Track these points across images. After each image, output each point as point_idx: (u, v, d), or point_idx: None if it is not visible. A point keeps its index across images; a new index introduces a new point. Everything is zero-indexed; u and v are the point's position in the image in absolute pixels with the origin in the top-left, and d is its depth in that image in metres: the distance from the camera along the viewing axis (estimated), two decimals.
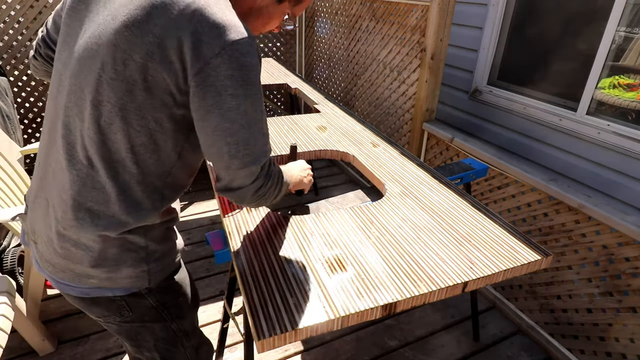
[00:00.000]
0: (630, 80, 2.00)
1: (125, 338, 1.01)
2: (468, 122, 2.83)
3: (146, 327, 0.96)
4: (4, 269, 1.92)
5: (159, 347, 1.02)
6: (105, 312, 0.91)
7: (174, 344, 1.04)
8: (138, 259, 0.86)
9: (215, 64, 0.69)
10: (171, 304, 0.97)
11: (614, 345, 1.65)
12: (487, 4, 2.54)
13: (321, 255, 1.00)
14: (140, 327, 0.96)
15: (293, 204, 2.88)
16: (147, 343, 1.01)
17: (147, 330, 0.97)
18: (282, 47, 3.84)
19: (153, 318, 0.95)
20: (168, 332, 1.00)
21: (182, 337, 1.04)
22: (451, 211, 1.20)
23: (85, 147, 0.77)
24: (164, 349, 1.03)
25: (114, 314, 0.91)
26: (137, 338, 1.00)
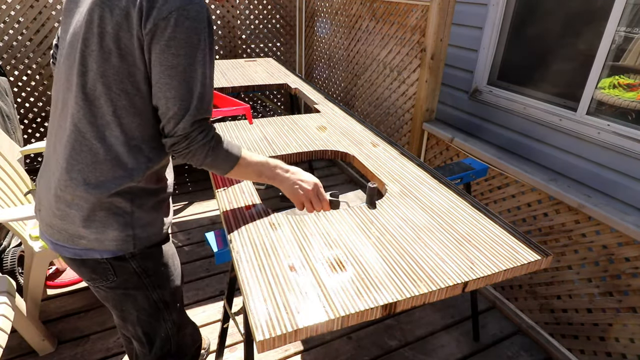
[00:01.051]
0: (630, 80, 2.00)
1: (112, 308, 1.10)
2: (468, 122, 2.83)
3: (129, 295, 1.05)
4: (4, 269, 1.92)
5: (142, 320, 1.10)
6: (92, 274, 1.01)
7: (155, 316, 1.11)
8: (124, 223, 0.95)
9: (162, 26, 0.80)
10: (152, 271, 1.05)
11: (614, 345, 1.65)
12: (487, 4, 2.54)
13: (321, 255, 1.00)
14: (124, 295, 1.05)
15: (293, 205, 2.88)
16: (131, 315, 1.09)
17: (130, 299, 1.06)
18: (282, 47, 3.84)
19: (135, 285, 1.04)
20: (149, 302, 1.08)
21: (163, 309, 1.11)
22: (451, 211, 1.20)
23: (74, 115, 0.88)
24: (146, 321, 1.10)
25: (100, 277, 1.01)
26: (122, 309, 1.08)
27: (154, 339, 1.15)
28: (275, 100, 4.05)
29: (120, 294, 1.04)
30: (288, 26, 3.77)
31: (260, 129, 1.78)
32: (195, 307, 2.07)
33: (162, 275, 1.08)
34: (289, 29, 3.79)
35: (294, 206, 1.16)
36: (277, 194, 3.21)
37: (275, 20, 3.69)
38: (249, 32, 3.63)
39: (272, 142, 1.65)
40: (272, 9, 3.63)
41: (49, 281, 2.15)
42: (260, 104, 3.91)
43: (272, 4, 3.61)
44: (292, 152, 1.56)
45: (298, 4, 3.68)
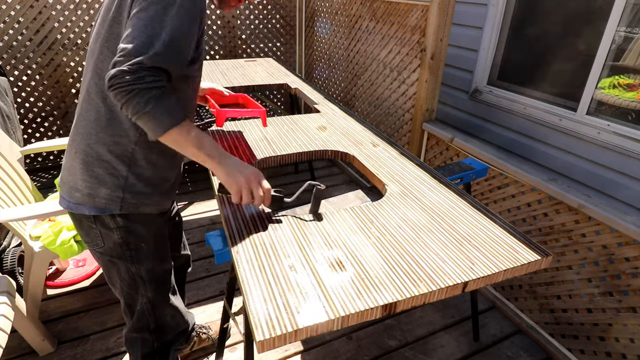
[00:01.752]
0: (630, 80, 2.00)
1: (104, 271, 1.22)
2: (468, 122, 2.83)
3: (114, 262, 1.16)
4: (4, 269, 1.92)
5: (123, 290, 1.21)
6: (86, 237, 1.14)
7: (134, 288, 1.21)
8: (117, 185, 1.05)
9: None
10: (133, 245, 1.14)
11: (614, 345, 1.65)
12: (487, 4, 2.54)
13: (321, 255, 1.00)
14: (110, 262, 1.16)
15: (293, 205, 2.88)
16: (116, 283, 1.21)
17: (115, 267, 1.17)
18: (282, 47, 3.84)
19: (118, 255, 1.14)
20: (129, 273, 1.18)
21: (140, 283, 1.20)
22: (451, 211, 1.20)
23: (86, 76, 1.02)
24: (127, 292, 1.21)
25: (92, 241, 1.13)
26: (109, 275, 1.21)
27: (133, 309, 1.25)
28: (275, 100, 4.05)
29: (107, 260, 1.16)
30: (288, 26, 3.77)
31: (260, 129, 1.78)
32: (195, 307, 2.07)
33: (141, 252, 1.16)
34: (289, 29, 3.79)
35: (294, 206, 1.16)
36: None
37: (275, 20, 3.69)
38: (249, 32, 3.62)
39: (272, 142, 1.65)
40: (272, 9, 3.63)
41: (49, 281, 2.15)
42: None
43: (272, 4, 3.61)
44: (292, 152, 1.56)
45: (298, 4, 3.68)
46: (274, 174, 3.53)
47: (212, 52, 3.55)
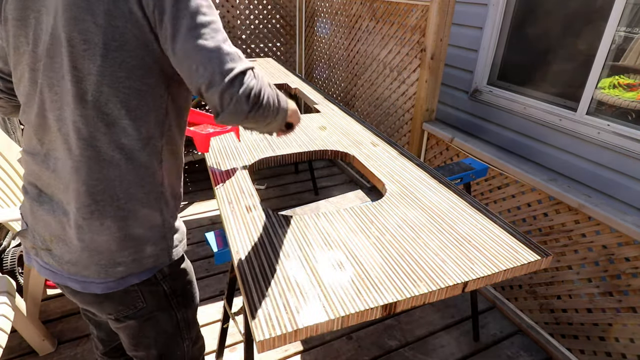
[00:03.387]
0: (630, 80, 2.00)
1: (127, 336, 1.01)
2: (468, 122, 2.83)
3: (152, 319, 0.97)
4: (4, 269, 1.92)
5: (159, 342, 1.03)
6: (118, 306, 0.92)
7: (174, 337, 1.05)
8: (159, 235, 0.89)
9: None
10: (180, 291, 1.00)
11: (614, 345, 1.65)
12: (487, 4, 2.54)
13: (321, 255, 1.00)
14: (147, 321, 0.97)
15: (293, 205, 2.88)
16: (147, 339, 1.01)
17: (152, 323, 0.98)
18: (282, 47, 3.84)
19: (162, 307, 0.97)
20: (172, 323, 1.01)
21: (183, 328, 1.06)
22: (451, 211, 1.20)
23: (80, 131, 0.76)
24: (164, 343, 1.04)
25: (127, 307, 0.92)
26: (139, 335, 1.00)
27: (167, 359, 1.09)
28: None
29: (144, 320, 0.96)
30: (288, 26, 3.77)
31: None
32: None
33: (188, 294, 1.04)
34: (289, 29, 3.79)
35: (294, 206, 1.16)
36: (277, 194, 3.22)
37: (275, 20, 3.69)
38: (249, 32, 3.62)
39: (272, 142, 1.65)
40: (272, 9, 3.63)
41: (49, 281, 2.15)
42: None
43: (272, 4, 3.61)
44: (292, 152, 1.56)
45: (298, 4, 3.68)
46: (274, 174, 3.53)
47: None
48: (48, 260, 0.87)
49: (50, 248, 0.86)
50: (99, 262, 0.84)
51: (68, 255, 0.84)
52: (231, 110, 0.77)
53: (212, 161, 1.47)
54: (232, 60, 0.76)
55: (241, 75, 0.76)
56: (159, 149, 0.85)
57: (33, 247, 0.89)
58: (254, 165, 1.49)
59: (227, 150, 1.57)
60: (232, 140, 1.66)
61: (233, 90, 0.75)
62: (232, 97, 0.75)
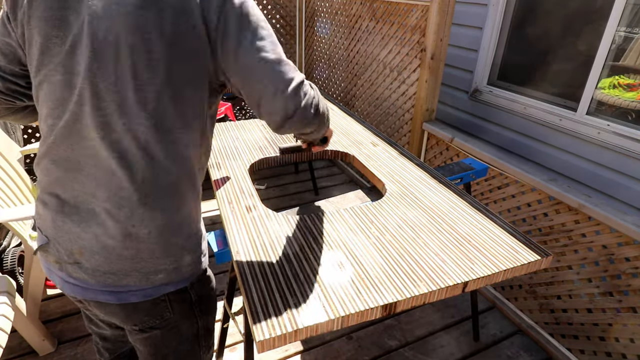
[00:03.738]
0: (630, 80, 2.00)
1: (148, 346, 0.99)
2: (468, 122, 2.83)
3: (175, 328, 0.96)
4: (4, 269, 1.92)
5: (179, 351, 1.01)
6: (145, 317, 0.90)
7: (193, 345, 1.03)
8: (195, 243, 0.89)
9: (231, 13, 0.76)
10: (206, 298, 0.99)
11: (614, 345, 1.65)
12: (487, 4, 2.54)
13: (321, 255, 1.00)
14: (170, 331, 0.96)
15: (293, 205, 2.88)
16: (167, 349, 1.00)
17: (175, 332, 0.97)
18: (282, 47, 3.84)
19: (185, 315, 0.96)
20: (193, 331, 1.01)
21: (202, 335, 1.05)
22: (451, 211, 1.20)
23: (138, 137, 0.76)
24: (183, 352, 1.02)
25: (154, 317, 0.91)
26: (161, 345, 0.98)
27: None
28: None
29: (167, 330, 0.95)
30: (288, 26, 3.77)
31: (260, 129, 1.78)
32: None
33: (212, 300, 1.03)
34: (289, 29, 3.79)
35: (293, 206, 1.16)
36: (277, 194, 3.22)
37: (275, 21, 3.69)
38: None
39: (272, 142, 1.65)
40: (272, 9, 3.63)
41: (49, 281, 2.15)
42: None
43: (272, 4, 3.61)
44: None
45: (298, 4, 3.68)
46: (274, 174, 3.53)
47: None
48: (77, 274, 0.84)
49: (79, 261, 0.83)
50: (142, 269, 0.83)
51: (106, 266, 0.82)
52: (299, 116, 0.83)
53: (212, 161, 1.47)
54: (292, 70, 0.82)
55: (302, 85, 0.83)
56: (199, 157, 0.87)
57: (57, 261, 0.85)
58: (254, 165, 1.49)
59: (227, 150, 1.57)
60: (232, 140, 1.66)
61: (298, 99, 0.81)
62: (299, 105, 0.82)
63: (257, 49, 0.77)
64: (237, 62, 0.78)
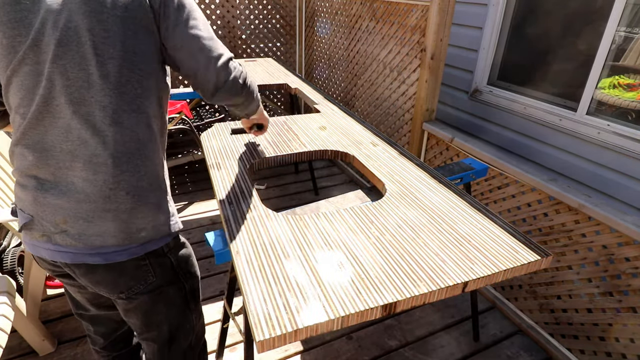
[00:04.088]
0: (630, 80, 2.00)
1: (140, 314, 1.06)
2: (468, 122, 2.83)
3: (162, 293, 1.05)
4: (4, 269, 1.92)
5: (170, 316, 1.10)
6: (131, 281, 0.98)
7: (183, 309, 1.12)
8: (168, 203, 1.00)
9: None
10: (184, 262, 1.08)
11: (614, 345, 1.65)
12: (487, 4, 2.54)
13: (321, 255, 1.00)
14: (158, 295, 1.04)
15: (293, 205, 2.88)
16: (159, 315, 1.08)
17: (163, 297, 1.06)
18: (282, 47, 3.84)
19: (171, 280, 1.05)
20: (181, 295, 1.10)
21: (190, 299, 1.13)
22: (451, 211, 1.20)
23: (105, 107, 0.85)
24: (174, 317, 1.11)
25: (138, 282, 0.99)
26: (152, 311, 1.06)
27: (178, 335, 1.14)
28: (275, 100, 4.05)
29: (155, 295, 1.03)
30: (288, 26, 3.77)
31: None
32: None
33: (192, 264, 1.12)
34: (289, 29, 3.79)
35: (294, 206, 1.16)
36: (277, 194, 3.22)
37: (275, 20, 3.69)
38: (249, 32, 3.62)
39: (272, 142, 1.65)
40: (272, 9, 3.63)
41: (49, 281, 2.15)
42: None
43: (272, 4, 3.61)
44: (292, 152, 1.56)
45: (298, 4, 3.68)
46: (274, 174, 3.53)
47: None
48: (64, 241, 0.90)
49: (65, 229, 0.90)
50: (125, 229, 0.91)
51: (91, 229, 0.89)
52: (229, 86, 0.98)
53: (212, 161, 1.47)
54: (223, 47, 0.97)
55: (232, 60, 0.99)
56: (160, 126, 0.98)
57: (43, 234, 0.91)
58: (254, 165, 1.49)
59: (227, 150, 1.57)
60: (232, 140, 1.66)
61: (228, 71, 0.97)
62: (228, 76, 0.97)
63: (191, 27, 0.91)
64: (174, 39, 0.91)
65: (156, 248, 0.98)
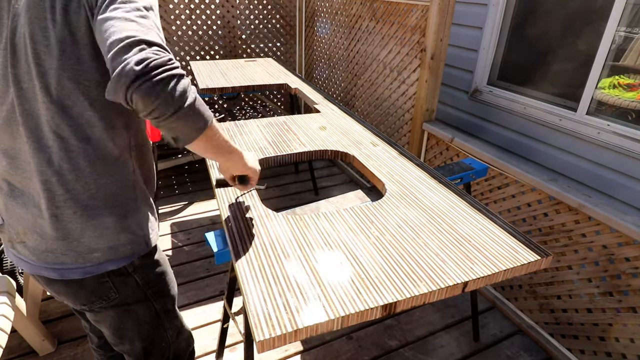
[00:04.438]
0: (630, 80, 2.00)
1: (108, 327, 1.03)
2: (468, 122, 2.83)
3: (130, 311, 0.99)
4: (4, 269, 1.92)
5: (142, 333, 1.05)
6: (91, 297, 0.93)
7: (155, 327, 1.07)
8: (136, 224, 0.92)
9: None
10: (154, 282, 1.01)
11: (614, 345, 1.65)
12: (487, 4, 2.54)
13: (321, 255, 1.00)
14: (124, 312, 0.99)
15: (293, 205, 2.88)
16: (129, 332, 1.03)
17: (131, 315, 1.00)
18: (282, 47, 3.84)
19: (138, 298, 0.99)
20: (151, 313, 1.03)
21: (164, 318, 1.08)
22: (451, 211, 1.20)
23: (48, 122, 0.79)
24: (146, 334, 1.06)
25: (100, 298, 0.94)
26: (120, 327, 1.02)
27: (152, 351, 1.10)
28: (275, 100, 4.05)
29: (121, 311, 0.98)
30: (288, 26, 3.77)
31: (260, 129, 1.78)
32: (195, 307, 2.07)
33: (164, 284, 1.05)
34: (289, 29, 3.79)
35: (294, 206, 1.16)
36: (277, 194, 3.22)
37: (275, 20, 3.69)
38: (249, 32, 3.62)
39: (272, 142, 1.65)
40: (272, 9, 3.63)
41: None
42: (260, 104, 3.92)
43: (272, 4, 3.61)
44: (292, 152, 1.56)
45: (298, 4, 3.68)
46: (274, 174, 3.53)
47: (212, 52, 3.55)
48: (23, 252, 0.90)
49: (24, 240, 0.88)
50: (75, 248, 0.86)
51: (43, 245, 0.86)
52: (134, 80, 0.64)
53: (212, 161, 1.47)
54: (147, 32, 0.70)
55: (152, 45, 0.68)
56: (127, 139, 0.88)
57: (9, 240, 0.92)
58: None
59: None
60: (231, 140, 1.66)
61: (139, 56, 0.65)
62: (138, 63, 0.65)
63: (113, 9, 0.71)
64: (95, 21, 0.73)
65: (115, 268, 0.91)
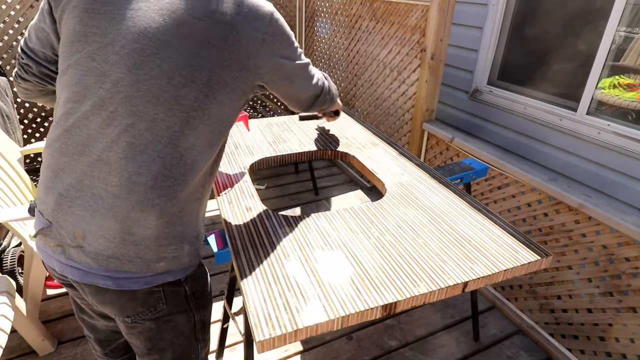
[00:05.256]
0: (631, 80, 2.00)
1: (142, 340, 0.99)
2: (468, 122, 2.83)
3: (171, 321, 0.97)
4: (4, 269, 1.92)
5: (176, 344, 1.02)
6: (139, 307, 0.91)
7: (189, 339, 1.04)
8: (195, 235, 0.92)
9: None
10: (199, 293, 1.00)
11: (614, 345, 1.65)
12: (487, 4, 2.54)
13: (321, 255, 1.00)
14: (165, 322, 0.97)
15: (293, 205, 2.88)
16: (164, 342, 1.01)
17: (170, 326, 0.98)
18: None
19: (180, 309, 0.97)
20: (189, 324, 1.01)
21: (199, 330, 1.06)
22: (451, 211, 1.20)
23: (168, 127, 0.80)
24: (180, 345, 1.03)
25: (147, 309, 0.92)
26: (156, 337, 0.99)
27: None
28: (275, 100, 4.05)
29: (162, 322, 0.96)
30: None
31: (260, 129, 1.78)
32: None
33: (207, 296, 1.04)
34: None
35: (293, 206, 1.15)
36: (277, 194, 3.22)
37: None
38: None
39: (272, 142, 1.65)
40: None
41: (49, 281, 2.15)
42: (260, 104, 3.91)
43: (272, 4, 3.61)
44: (292, 152, 1.56)
45: (298, 4, 3.68)
46: (274, 174, 3.53)
47: None
48: (78, 257, 0.84)
49: (81, 245, 0.82)
50: (145, 255, 0.84)
51: (110, 250, 0.82)
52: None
53: None
54: None
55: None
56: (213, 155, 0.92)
57: (59, 245, 0.84)
58: (254, 165, 1.49)
59: (227, 150, 1.57)
60: (231, 140, 1.66)
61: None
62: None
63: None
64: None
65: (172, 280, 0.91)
